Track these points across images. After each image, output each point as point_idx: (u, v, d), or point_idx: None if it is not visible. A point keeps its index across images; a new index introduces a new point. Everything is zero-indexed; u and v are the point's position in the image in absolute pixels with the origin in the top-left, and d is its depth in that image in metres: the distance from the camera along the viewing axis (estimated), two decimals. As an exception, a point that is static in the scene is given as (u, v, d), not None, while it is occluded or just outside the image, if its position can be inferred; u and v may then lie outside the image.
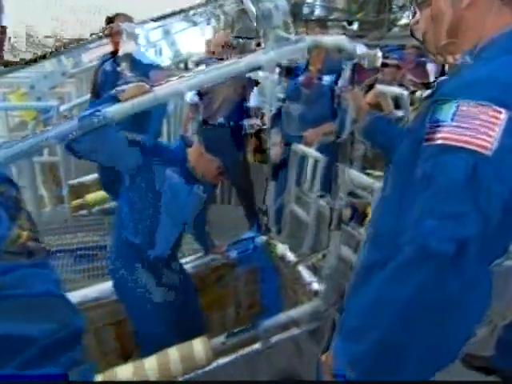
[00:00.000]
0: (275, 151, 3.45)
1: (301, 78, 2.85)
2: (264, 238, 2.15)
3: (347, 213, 2.12)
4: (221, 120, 3.10)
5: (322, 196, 2.33)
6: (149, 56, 3.13)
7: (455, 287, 0.79)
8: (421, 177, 0.81)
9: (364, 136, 1.37)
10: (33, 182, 1.79)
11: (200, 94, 3.16)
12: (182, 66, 5.51)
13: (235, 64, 1.46)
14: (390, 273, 0.84)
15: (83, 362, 0.57)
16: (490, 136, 0.74)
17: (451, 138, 0.76)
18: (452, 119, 0.76)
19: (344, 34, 1.33)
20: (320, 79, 2.88)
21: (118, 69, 2.78)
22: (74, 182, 3.58)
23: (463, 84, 0.81)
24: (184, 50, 6.67)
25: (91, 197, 3.57)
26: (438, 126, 0.78)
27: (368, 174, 2.36)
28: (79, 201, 3.45)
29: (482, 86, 0.78)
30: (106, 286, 1.90)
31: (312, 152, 2.53)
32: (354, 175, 2.15)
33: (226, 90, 2.98)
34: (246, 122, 3.32)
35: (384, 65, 3.38)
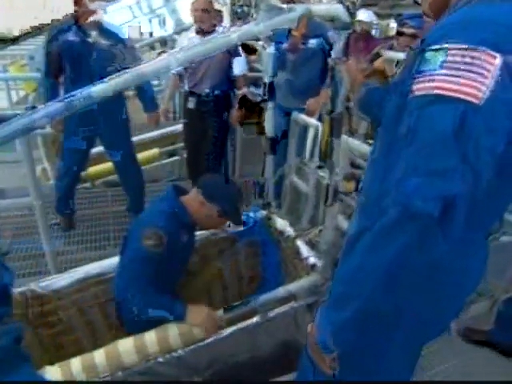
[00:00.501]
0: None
1: (285, 45, 2.78)
2: (264, 212, 2.14)
3: (350, 186, 2.09)
4: (206, 89, 3.02)
5: (320, 167, 2.29)
6: (114, 24, 2.91)
7: (442, 252, 0.74)
8: (405, 132, 0.75)
9: (359, 108, 1.32)
10: (29, 156, 1.78)
11: None
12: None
13: (227, 37, 1.41)
14: (372, 237, 0.80)
15: (10, 321, 0.58)
16: (481, 84, 0.67)
17: (439, 87, 0.69)
18: (441, 66, 0.70)
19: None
20: (305, 44, 2.82)
21: (89, 39, 2.62)
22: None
23: (455, 27, 0.73)
24: (187, 20, 6.43)
25: (94, 169, 3.58)
26: (425, 75, 0.72)
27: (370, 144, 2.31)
28: (82, 173, 3.45)
29: (476, 27, 0.71)
30: (108, 263, 1.93)
31: (312, 121, 2.47)
32: (353, 144, 2.11)
33: (210, 59, 2.86)
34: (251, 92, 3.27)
35: (400, 33, 3.24)
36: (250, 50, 4.67)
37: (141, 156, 3.91)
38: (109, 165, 3.81)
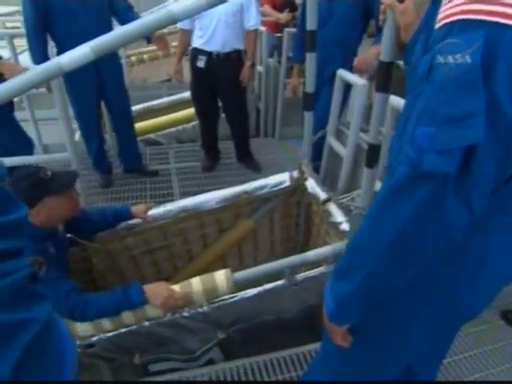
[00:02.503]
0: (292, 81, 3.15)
1: None
2: (297, 173, 2.04)
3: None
4: (218, 47, 2.73)
5: (364, 130, 2.14)
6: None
7: (460, 218, 0.61)
8: (424, 73, 0.60)
9: (404, 59, 1.15)
10: (65, 112, 1.79)
11: None
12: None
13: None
14: (380, 200, 0.68)
15: (22, 254, 0.55)
16: None
17: (464, 11, 0.54)
18: None
19: None
20: None
21: None
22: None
23: None
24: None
25: (136, 126, 3.60)
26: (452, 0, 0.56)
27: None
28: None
29: None
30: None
31: (358, 80, 2.28)
32: (399, 102, 1.92)
33: (219, 13, 2.62)
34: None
35: None
36: (294, 6, 4.42)
37: (181, 115, 3.91)
38: (147, 123, 3.85)
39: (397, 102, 1.92)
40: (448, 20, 0.56)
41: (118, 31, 1.19)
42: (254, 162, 3.31)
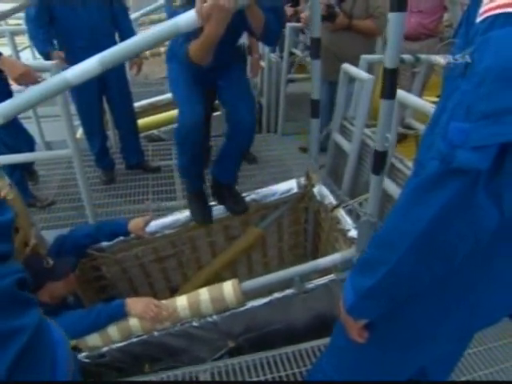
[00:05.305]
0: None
1: None
2: (304, 180, 2.03)
3: (402, 149, 1.88)
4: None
5: (368, 126, 2.09)
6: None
7: (489, 218, 0.59)
8: (462, 66, 0.59)
9: None
10: (66, 109, 1.79)
11: None
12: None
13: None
14: (408, 195, 0.66)
15: (10, 258, 0.54)
16: None
17: (501, 5, 0.52)
18: None
19: None
20: None
21: None
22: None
23: None
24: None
25: (139, 122, 3.55)
26: None
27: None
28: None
29: None
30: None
31: (364, 74, 2.20)
32: (409, 99, 1.88)
33: None
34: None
35: None
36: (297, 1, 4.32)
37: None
38: (149, 119, 3.81)
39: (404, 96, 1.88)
40: (491, 13, 0.54)
41: (125, 44, 1.18)
42: (249, 154, 3.25)
